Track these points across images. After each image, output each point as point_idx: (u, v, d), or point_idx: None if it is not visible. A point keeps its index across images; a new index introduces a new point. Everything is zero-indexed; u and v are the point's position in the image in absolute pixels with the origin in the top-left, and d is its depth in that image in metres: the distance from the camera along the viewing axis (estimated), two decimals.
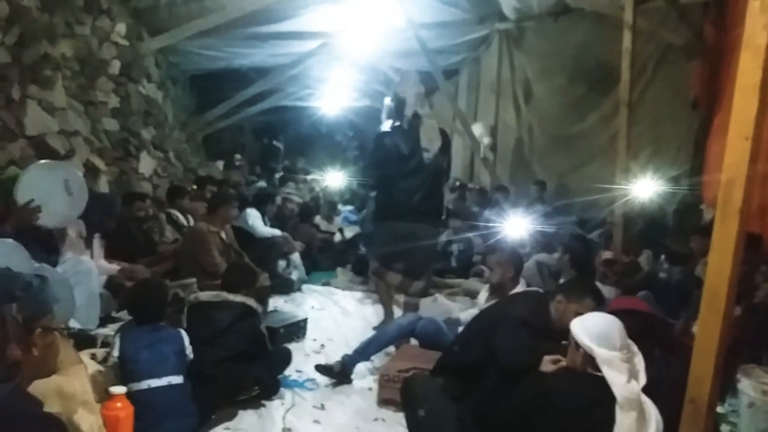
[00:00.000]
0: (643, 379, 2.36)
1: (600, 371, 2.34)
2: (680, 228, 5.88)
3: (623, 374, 2.31)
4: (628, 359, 2.36)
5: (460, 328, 4.05)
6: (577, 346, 2.42)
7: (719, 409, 3.29)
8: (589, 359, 2.37)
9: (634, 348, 2.42)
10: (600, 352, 2.34)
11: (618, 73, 5.45)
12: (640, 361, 2.40)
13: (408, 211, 4.47)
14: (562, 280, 4.84)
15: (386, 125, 4.63)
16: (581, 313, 2.84)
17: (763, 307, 3.86)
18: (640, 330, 2.71)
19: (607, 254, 5.52)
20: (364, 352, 4.07)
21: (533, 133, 8.97)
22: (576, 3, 7.27)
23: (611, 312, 2.83)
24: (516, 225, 6.12)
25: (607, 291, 4.68)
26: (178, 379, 3.08)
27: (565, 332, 2.87)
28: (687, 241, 5.26)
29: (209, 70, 10.79)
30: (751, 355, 3.48)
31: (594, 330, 2.40)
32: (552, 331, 2.95)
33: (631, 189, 5.50)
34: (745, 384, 3.24)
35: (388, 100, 4.66)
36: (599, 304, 3.00)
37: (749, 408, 3.22)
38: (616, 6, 5.74)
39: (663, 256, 5.09)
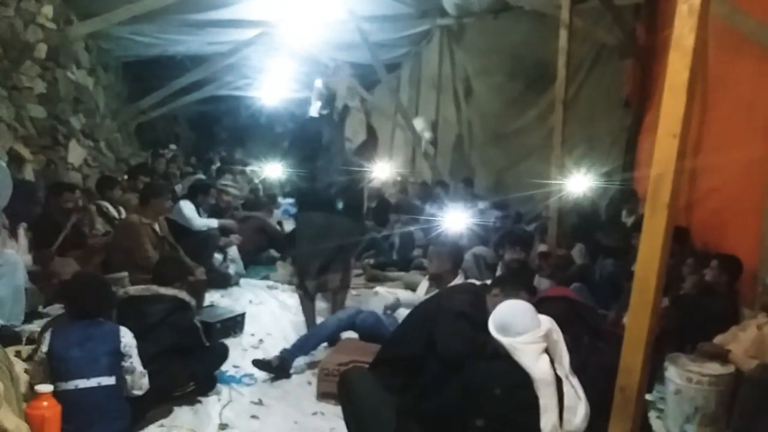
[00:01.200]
0: (565, 360, 2.46)
1: None
2: (612, 222, 6.07)
3: (530, 355, 2.44)
4: (536, 341, 2.48)
5: (401, 311, 4.07)
6: None
7: (648, 397, 3.43)
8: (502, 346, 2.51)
9: (548, 325, 2.54)
10: (504, 341, 2.50)
11: (555, 72, 5.57)
12: (558, 338, 2.53)
13: (325, 202, 4.40)
14: (498, 272, 4.95)
15: (315, 108, 4.57)
16: None
17: (689, 298, 4.04)
18: (567, 315, 2.81)
19: (542, 247, 5.66)
20: (302, 346, 4.04)
21: (473, 128, 9.09)
22: (515, 1, 7.38)
23: (540, 299, 2.99)
24: (455, 219, 6.18)
25: (542, 283, 4.81)
26: (109, 380, 2.94)
27: None
28: (619, 235, 5.44)
29: (143, 57, 10.49)
30: (677, 344, 3.64)
31: (497, 320, 2.58)
32: (487, 322, 3.01)
33: (566, 184, 5.64)
34: (671, 372, 3.40)
35: (319, 83, 4.59)
36: (533, 296, 3.08)
37: (676, 395, 3.37)
38: (554, 5, 5.86)
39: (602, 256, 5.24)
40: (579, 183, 6.01)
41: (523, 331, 2.49)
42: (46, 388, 2.69)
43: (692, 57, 2.07)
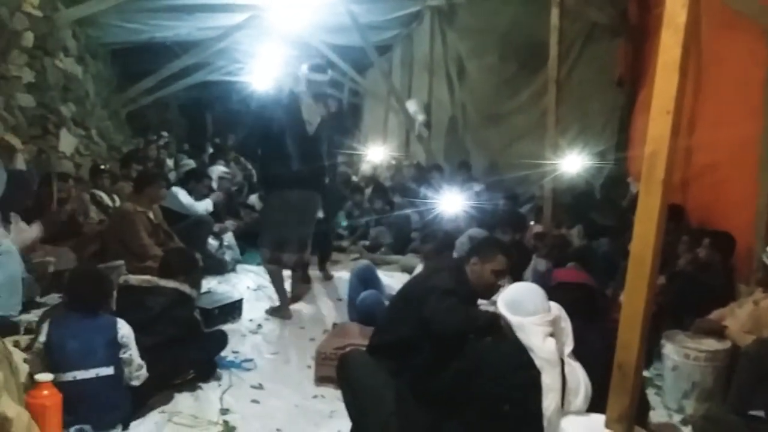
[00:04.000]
0: (570, 343, 2.47)
1: None
2: (607, 201, 6.09)
3: (537, 336, 2.43)
4: (545, 323, 2.47)
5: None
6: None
7: (645, 373, 3.47)
8: (510, 326, 2.50)
9: (558, 310, 2.54)
10: (513, 320, 2.49)
11: (547, 51, 5.55)
12: (567, 325, 2.52)
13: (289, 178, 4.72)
14: None
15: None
16: (497, 270, 3.03)
17: (685, 275, 4.06)
18: (583, 302, 2.82)
19: (537, 228, 5.67)
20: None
21: (466, 110, 9.05)
22: None
23: (556, 285, 3.00)
24: (451, 201, 6.19)
25: (539, 263, 4.84)
26: (107, 371, 2.96)
27: (485, 292, 3.07)
28: (613, 214, 5.46)
29: (132, 44, 10.41)
30: (674, 321, 3.67)
31: (507, 298, 2.57)
32: (473, 294, 3.07)
33: (560, 164, 5.64)
34: (669, 348, 3.43)
35: (304, 68, 4.91)
36: (510, 258, 3.11)
37: (673, 371, 3.41)
38: None
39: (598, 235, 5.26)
40: (573, 163, 6.02)
41: (533, 311, 2.49)
42: (45, 377, 2.70)
43: (685, 34, 2.07)
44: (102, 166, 6.87)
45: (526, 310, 2.49)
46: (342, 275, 5.88)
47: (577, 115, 6.83)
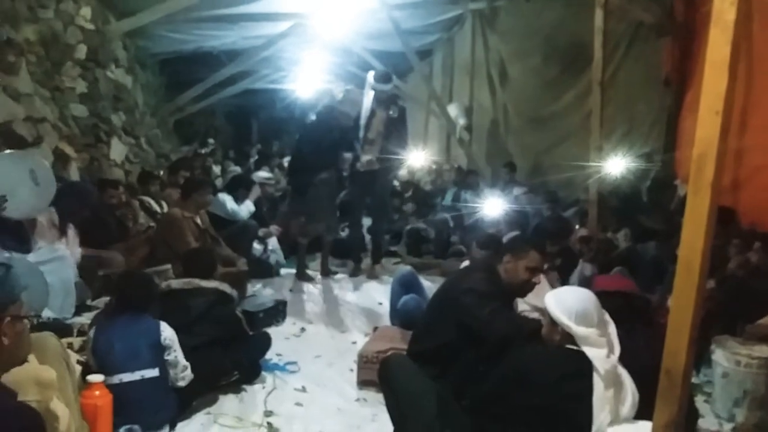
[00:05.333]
0: (617, 349, 2.41)
1: (576, 345, 2.37)
2: (654, 204, 5.95)
3: (602, 348, 2.34)
4: (604, 333, 2.39)
5: None
6: (554, 322, 2.44)
7: (694, 380, 3.38)
8: (567, 336, 2.39)
9: (607, 317, 2.46)
10: (579, 331, 2.36)
11: (591, 53, 5.46)
12: (613, 332, 2.44)
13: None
14: None
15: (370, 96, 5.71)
16: (531, 267, 2.97)
17: (735, 279, 3.95)
18: (624, 310, 2.74)
19: (582, 231, 5.58)
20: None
21: (508, 113, 8.99)
22: None
23: (598, 293, 2.88)
24: (492, 205, 6.15)
25: (585, 268, 4.76)
26: (152, 372, 3.02)
27: (520, 290, 3.02)
28: (661, 217, 5.34)
29: (179, 54, 10.63)
30: (724, 327, 3.57)
31: (572, 308, 2.40)
32: (509, 294, 3.04)
33: (605, 167, 5.54)
34: (718, 355, 3.33)
35: (370, 76, 5.59)
36: (543, 253, 3.07)
37: (723, 378, 3.31)
38: None
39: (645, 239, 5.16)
40: (619, 165, 5.91)
41: (597, 322, 2.40)
42: (97, 378, 2.78)
43: (734, 31, 2.01)
44: (159, 174, 7.07)
45: (591, 321, 2.39)
46: (383, 279, 5.92)
47: (622, 116, 6.72)
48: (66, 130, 6.29)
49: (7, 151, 4.11)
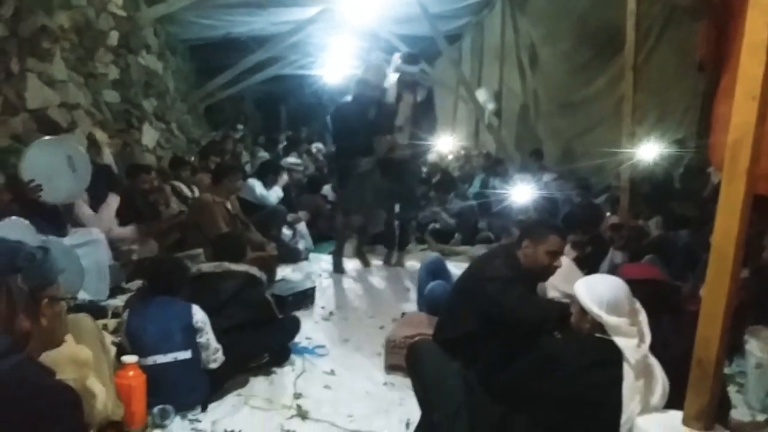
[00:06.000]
0: (648, 338, 2.38)
1: (606, 333, 2.35)
2: (687, 191, 5.84)
3: (633, 338, 2.31)
4: (634, 322, 2.37)
5: None
6: (584, 311, 2.42)
7: (727, 370, 3.33)
8: (597, 325, 2.36)
9: (638, 305, 2.43)
10: (609, 320, 2.32)
11: (623, 37, 5.36)
12: (644, 320, 2.41)
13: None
14: (567, 248, 4.87)
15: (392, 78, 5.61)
16: (551, 251, 2.96)
17: None
18: (653, 299, 2.69)
19: (613, 219, 5.51)
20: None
21: (538, 98, 8.88)
22: None
23: (626, 282, 2.84)
24: (521, 191, 6.10)
25: (615, 256, 4.70)
26: (185, 354, 3.09)
27: (541, 275, 3.01)
28: (694, 204, 5.24)
29: (209, 40, 10.71)
30: (758, 317, 3.50)
31: (603, 297, 2.36)
32: (531, 279, 3.02)
33: (637, 153, 5.45)
34: (752, 345, 3.27)
35: (397, 58, 5.52)
36: (563, 237, 3.05)
37: (757, 368, 3.25)
38: None
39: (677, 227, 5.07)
40: (651, 151, 5.80)
41: (628, 312, 2.36)
42: (131, 358, 2.86)
43: None
44: (191, 160, 7.16)
45: (622, 311, 2.35)
46: (411, 265, 5.93)
47: (655, 101, 6.58)
48: (99, 115, 6.39)
49: (46, 138, 4.20)
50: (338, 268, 5.89)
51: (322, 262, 6.23)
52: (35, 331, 1.49)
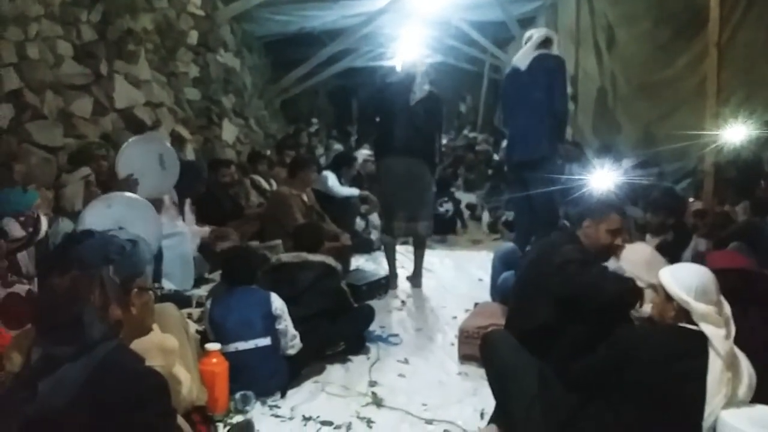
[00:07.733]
0: (733, 330, 2.28)
1: (691, 323, 2.27)
2: None
3: (721, 328, 2.22)
4: (721, 311, 2.28)
5: None
6: (669, 298, 2.33)
7: None
8: (684, 313, 2.28)
9: (722, 297, 2.33)
10: (698, 307, 2.24)
11: (707, 13, 5.10)
12: (728, 311, 2.31)
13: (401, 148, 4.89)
14: (648, 236, 4.72)
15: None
16: (612, 230, 2.91)
17: None
18: (740, 289, 2.58)
19: (697, 205, 5.28)
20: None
21: (616, 81, 8.56)
22: None
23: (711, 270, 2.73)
24: (598, 178, 5.93)
25: (699, 243, 4.52)
26: (265, 341, 3.21)
27: (603, 253, 2.94)
28: None
29: (283, 35, 10.89)
30: None
31: (692, 284, 2.29)
32: (597, 259, 2.95)
33: (723, 135, 5.19)
34: None
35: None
36: (623, 215, 3.00)
37: None
38: None
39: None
40: (737, 133, 5.50)
41: (716, 300, 2.28)
42: (214, 346, 2.99)
43: None
44: (267, 154, 7.35)
45: (711, 298, 2.27)
46: (484, 254, 5.89)
47: (741, 80, 6.22)
48: (181, 113, 6.66)
49: (139, 137, 4.46)
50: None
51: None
52: (126, 319, 1.59)
